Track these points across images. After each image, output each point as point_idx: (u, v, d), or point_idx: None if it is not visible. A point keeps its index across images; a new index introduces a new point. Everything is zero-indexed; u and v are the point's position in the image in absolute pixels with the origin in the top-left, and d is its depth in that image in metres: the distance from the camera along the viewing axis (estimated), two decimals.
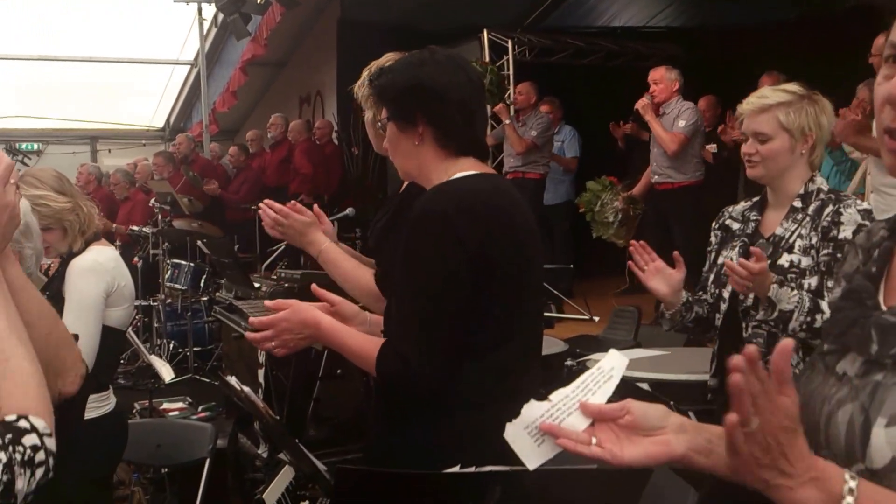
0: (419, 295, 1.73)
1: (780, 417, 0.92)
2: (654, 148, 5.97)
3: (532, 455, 1.12)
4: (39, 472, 1.17)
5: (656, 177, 5.95)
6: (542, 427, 1.11)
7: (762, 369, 0.92)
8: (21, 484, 1.14)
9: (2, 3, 10.50)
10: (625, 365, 1.18)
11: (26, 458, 1.15)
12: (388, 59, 2.20)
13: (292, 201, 2.39)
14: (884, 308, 1.04)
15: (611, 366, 1.17)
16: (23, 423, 1.17)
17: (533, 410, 1.13)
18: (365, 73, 2.34)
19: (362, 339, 1.84)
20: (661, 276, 2.46)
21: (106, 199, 8.83)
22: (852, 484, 0.91)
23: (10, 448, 1.13)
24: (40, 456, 1.17)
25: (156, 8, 10.55)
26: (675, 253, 2.44)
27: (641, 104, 5.86)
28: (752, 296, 2.31)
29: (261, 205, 2.40)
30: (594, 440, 1.11)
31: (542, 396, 1.15)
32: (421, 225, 1.74)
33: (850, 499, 0.91)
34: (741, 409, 0.92)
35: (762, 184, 2.47)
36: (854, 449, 0.97)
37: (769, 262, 2.30)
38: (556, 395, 1.13)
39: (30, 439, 1.16)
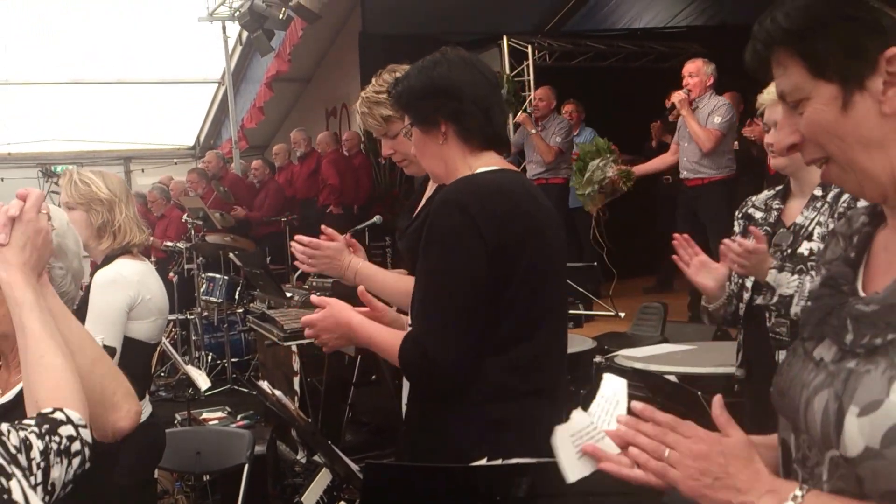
0: (438, 282, 1.76)
1: (723, 448, 1.08)
2: (684, 143, 5.79)
3: (572, 467, 1.17)
4: (76, 461, 1.21)
5: (685, 172, 5.78)
6: (584, 448, 1.17)
7: (654, 416, 1.14)
8: (57, 472, 1.18)
9: (35, 33, 10.78)
10: (625, 386, 1.24)
11: (62, 447, 1.19)
12: (375, 86, 2.30)
13: (323, 226, 2.40)
14: (860, 293, 1.06)
15: (612, 391, 1.24)
16: (59, 415, 1.22)
17: (578, 422, 1.19)
18: (362, 107, 2.40)
19: (388, 333, 1.87)
20: (706, 271, 2.46)
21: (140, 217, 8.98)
22: (798, 493, 1.02)
23: (47, 437, 1.18)
24: (76, 446, 1.21)
25: (182, 28, 10.75)
26: (722, 247, 2.39)
27: (678, 97, 5.64)
28: None
29: (292, 242, 2.40)
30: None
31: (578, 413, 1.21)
32: (440, 214, 1.77)
33: (792, 502, 1.02)
34: (638, 449, 1.12)
35: (786, 174, 2.48)
36: (829, 436, 1.00)
37: (790, 250, 2.31)
38: (589, 413, 1.20)
39: (66, 430, 1.21)
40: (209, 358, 7.07)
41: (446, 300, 1.74)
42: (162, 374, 6.85)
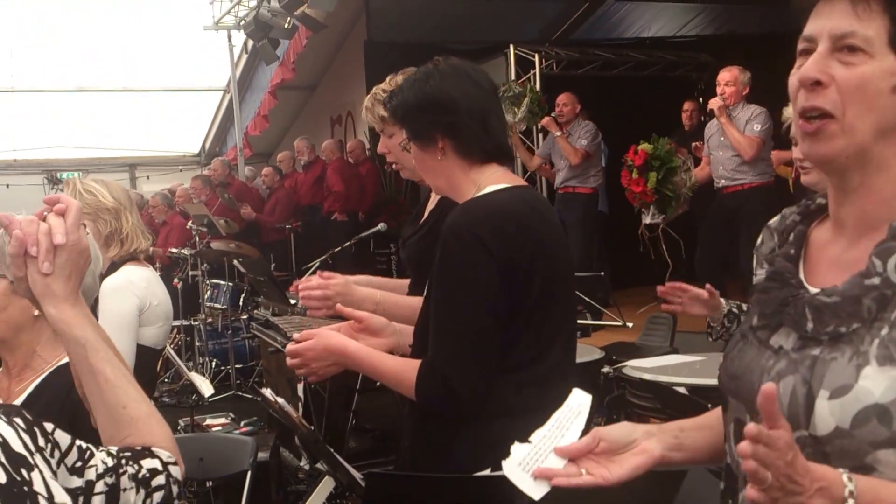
0: (456, 313, 1.72)
1: (784, 454, 0.92)
2: (717, 152, 5.74)
3: (533, 489, 1.17)
4: (157, 495, 1.17)
5: (722, 181, 5.71)
6: (534, 473, 1.17)
7: (767, 434, 0.92)
8: (131, 498, 1.14)
9: (41, 40, 10.83)
10: (589, 401, 1.26)
11: (140, 476, 1.16)
12: (385, 85, 2.26)
13: (318, 274, 2.29)
14: (807, 286, 1.12)
15: (577, 403, 1.26)
16: (144, 451, 1.20)
17: (520, 451, 1.20)
18: (367, 102, 2.36)
19: (396, 364, 1.81)
20: (699, 302, 2.48)
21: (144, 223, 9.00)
22: (851, 486, 0.95)
23: (122, 460, 1.15)
24: (159, 480, 1.18)
25: (188, 37, 10.81)
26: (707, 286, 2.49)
27: (716, 104, 5.59)
28: None
29: (300, 293, 2.30)
30: (583, 471, 1.18)
31: (524, 439, 1.21)
32: (452, 243, 1.73)
33: (851, 501, 0.94)
34: (757, 480, 0.93)
35: (816, 190, 2.45)
36: (798, 418, 1.03)
37: None
38: (536, 436, 1.21)
39: (149, 462, 1.18)
40: (213, 364, 7.07)
41: (463, 327, 1.71)
42: (165, 380, 6.83)
